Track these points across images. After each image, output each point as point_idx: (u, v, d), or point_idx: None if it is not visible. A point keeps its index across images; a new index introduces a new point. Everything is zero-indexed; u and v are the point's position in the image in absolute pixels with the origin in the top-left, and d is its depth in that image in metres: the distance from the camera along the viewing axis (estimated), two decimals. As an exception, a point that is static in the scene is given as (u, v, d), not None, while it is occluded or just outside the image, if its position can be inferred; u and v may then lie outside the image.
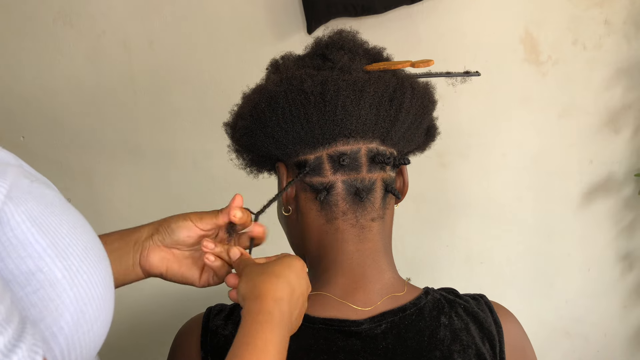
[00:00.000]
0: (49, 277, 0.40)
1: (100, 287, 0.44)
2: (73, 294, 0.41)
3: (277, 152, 0.67)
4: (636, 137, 1.45)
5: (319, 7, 1.26)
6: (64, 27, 1.31)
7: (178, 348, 0.68)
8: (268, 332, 0.50)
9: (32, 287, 0.40)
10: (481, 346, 0.64)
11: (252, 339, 0.49)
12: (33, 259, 0.40)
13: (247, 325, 0.50)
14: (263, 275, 0.55)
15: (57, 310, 0.40)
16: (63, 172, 1.37)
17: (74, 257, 0.42)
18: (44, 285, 0.40)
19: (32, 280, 0.40)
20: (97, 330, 0.44)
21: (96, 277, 0.44)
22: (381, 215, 0.67)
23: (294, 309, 0.55)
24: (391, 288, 0.66)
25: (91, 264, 0.44)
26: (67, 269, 0.42)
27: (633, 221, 1.50)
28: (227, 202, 1.51)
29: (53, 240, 0.41)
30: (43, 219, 0.42)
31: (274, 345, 0.49)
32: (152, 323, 1.44)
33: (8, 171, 0.41)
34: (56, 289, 0.41)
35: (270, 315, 0.51)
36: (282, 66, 0.69)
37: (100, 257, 0.46)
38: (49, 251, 0.41)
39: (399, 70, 0.68)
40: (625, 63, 1.40)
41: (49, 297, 0.40)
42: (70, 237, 0.43)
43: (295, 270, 0.57)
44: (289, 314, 0.54)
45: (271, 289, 0.53)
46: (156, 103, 1.36)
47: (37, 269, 0.40)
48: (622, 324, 1.57)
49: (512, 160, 1.43)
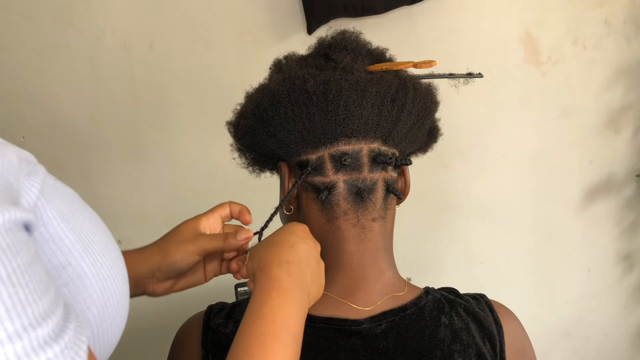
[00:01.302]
0: (78, 271, 0.42)
1: (120, 282, 0.46)
2: (99, 287, 0.43)
3: (279, 152, 0.67)
4: (636, 138, 1.45)
5: (319, 8, 1.27)
6: (64, 27, 1.31)
7: (179, 346, 0.68)
8: (276, 298, 0.48)
9: (62, 280, 0.41)
10: (481, 346, 0.64)
11: (260, 308, 0.48)
12: (63, 253, 0.41)
13: (255, 297, 0.50)
14: (265, 247, 0.56)
15: (85, 303, 0.42)
16: (63, 172, 1.37)
17: (97, 252, 0.44)
18: (73, 279, 0.41)
19: (62, 273, 0.41)
20: (118, 325, 0.46)
21: (116, 272, 0.45)
22: (382, 216, 0.67)
23: (305, 270, 0.54)
24: (391, 288, 0.66)
25: (112, 259, 0.45)
26: (93, 263, 0.43)
27: (634, 222, 1.50)
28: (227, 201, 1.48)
29: (79, 236, 0.43)
30: (70, 216, 0.43)
31: (285, 314, 0.48)
32: (152, 323, 1.43)
33: (38, 169, 0.42)
34: (84, 283, 0.42)
35: (278, 281, 0.50)
36: (285, 66, 0.69)
37: (118, 255, 0.47)
38: (77, 246, 0.42)
39: (401, 71, 0.68)
40: (625, 63, 1.40)
41: (77, 290, 0.42)
42: (93, 234, 0.45)
43: (297, 233, 0.58)
44: (300, 275, 0.53)
45: (275, 256, 0.53)
46: (156, 103, 1.36)
47: (67, 263, 0.41)
48: (623, 324, 1.57)
49: (512, 160, 1.43)
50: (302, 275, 0.53)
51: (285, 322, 0.47)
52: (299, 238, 0.57)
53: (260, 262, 0.54)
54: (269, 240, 0.57)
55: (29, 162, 0.42)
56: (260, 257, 0.55)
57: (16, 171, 0.38)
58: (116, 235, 1.46)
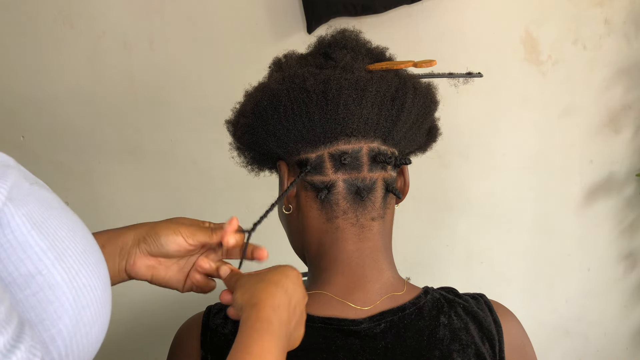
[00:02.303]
0: (48, 279, 0.40)
1: (99, 291, 0.44)
2: (72, 296, 0.41)
3: (278, 150, 0.67)
4: (637, 137, 1.45)
5: (318, 7, 1.27)
6: (64, 27, 1.31)
7: (178, 346, 0.68)
8: (267, 340, 0.49)
9: (31, 289, 0.39)
10: (480, 345, 0.64)
11: (250, 347, 0.48)
12: (33, 262, 0.40)
13: (245, 333, 0.49)
14: (260, 284, 0.54)
15: (56, 313, 0.40)
16: (63, 172, 1.37)
17: (73, 260, 0.42)
18: (43, 288, 0.40)
19: (31, 282, 0.40)
20: (95, 334, 0.44)
21: (94, 280, 0.44)
22: (381, 215, 0.67)
23: (292, 317, 0.54)
24: (390, 287, 0.66)
25: (89, 267, 0.44)
26: (67, 272, 0.41)
27: (634, 221, 1.50)
28: (227, 201, 1.50)
29: (52, 243, 0.41)
30: (43, 222, 0.42)
31: (272, 354, 0.48)
32: (151, 323, 1.43)
33: (9, 173, 0.41)
34: (55, 292, 0.40)
35: (269, 323, 0.50)
36: (285, 64, 0.69)
37: (98, 261, 0.46)
38: (48, 254, 0.41)
39: (401, 70, 0.68)
40: (625, 63, 1.40)
41: (48, 300, 0.40)
42: (69, 241, 0.43)
43: (291, 278, 0.56)
44: (287, 322, 0.53)
45: (269, 297, 0.53)
46: (156, 103, 1.36)
47: (36, 272, 0.40)
48: (622, 324, 1.57)
49: (512, 160, 1.43)
50: (288, 322, 0.53)
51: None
52: (293, 285, 0.56)
53: (253, 298, 0.53)
54: (264, 277, 0.56)
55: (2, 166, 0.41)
56: (252, 292, 0.54)
57: None
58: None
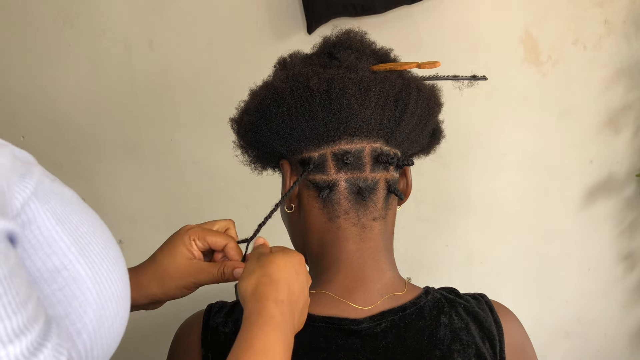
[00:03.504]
0: (73, 274, 0.41)
1: (119, 285, 0.45)
2: (95, 291, 0.42)
3: (281, 149, 0.67)
4: (637, 138, 1.45)
5: (319, 7, 1.27)
6: (64, 27, 1.31)
7: (179, 345, 0.68)
8: (271, 335, 0.49)
9: (57, 284, 0.40)
10: (481, 346, 0.64)
11: (252, 342, 0.48)
12: (58, 257, 0.41)
13: (248, 328, 0.50)
14: (264, 277, 0.55)
15: (81, 307, 0.41)
16: (63, 172, 1.37)
17: (94, 255, 0.43)
18: (69, 283, 0.41)
19: (57, 277, 0.40)
20: (117, 328, 0.45)
21: (115, 274, 0.44)
22: (383, 215, 0.67)
23: (295, 307, 0.55)
24: (391, 287, 0.66)
25: (110, 262, 0.45)
26: (90, 266, 0.42)
27: (634, 222, 1.50)
28: (227, 201, 1.50)
29: (75, 238, 0.42)
30: (65, 217, 0.42)
31: (275, 348, 0.49)
32: (152, 322, 1.43)
33: (34, 170, 0.41)
34: (80, 286, 0.41)
35: (272, 318, 0.51)
36: (289, 63, 0.70)
37: (118, 256, 0.47)
38: (72, 249, 0.41)
39: (405, 71, 0.68)
40: (625, 63, 1.40)
41: (73, 294, 0.41)
42: (90, 236, 0.44)
43: (294, 267, 0.57)
44: (290, 314, 0.53)
45: (272, 292, 0.53)
46: (156, 103, 1.36)
47: (62, 267, 0.40)
48: (622, 324, 1.57)
49: (512, 160, 1.43)
50: (292, 314, 0.54)
51: (275, 356, 0.49)
52: (295, 273, 0.57)
53: (256, 292, 0.53)
54: (266, 270, 0.56)
55: (25, 163, 0.41)
56: (255, 286, 0.54)
57: (8, 173, 0.37)
58: (117, 235, 1.46)
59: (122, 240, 1.38)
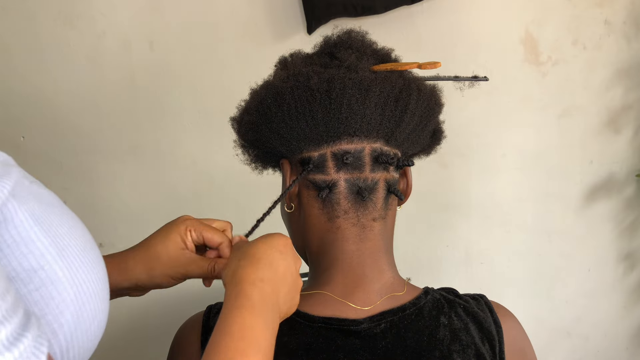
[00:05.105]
0: (50, 275, 0.41)
1: (98, 287, 0.45)
2: (73, 292, 0.42)
3: (281, 148, 0.67)
4: (637, 138, 1.45)
5: (319, 8, 1.27)
6: (64, 27, 1.31)
7: (178, 346, 0.68)
8: (247, 317, 0.48)
9: (34, 284, 0.40)
10: (481, 346, 0.64)
11: (229, 325, 0.47)
12: (35, 257, 0.40)
13: (223, 313, 0.49)
14: (243, 260, 0.54)
15: (58, 308, 0.41)
16: (63, 172, 1.37)
17: (73, 256, 0.43)
18: (46, 283, 0.41)
19: (34, 277, 0.40)
20: (95, 330, 0.45)
21: (94, 276, 0.44)
22: (383, 216, 0.67)
23: (280, 286, 0.54)
24: (391, 288, 0.66)
25: (89, 263, 0.44)
26: (68, 267, 0.42)
27: (634, 222, 1.50)
28: (226, 201, 1.50)
29: (54, 239, 0.42)
30: (44, 218, 0.42)
31: (255, 330, 0.47)
32: (151, 323, 1.44)
33: (12, 171, 0.41)
34: (57, 287, 0.41)
35: (249, 299, 0.50)
36: (290, 63, 0.70)
37: (97, 258, 0.47)
38: (50, 249, 0.41)
39: (405, 72, 0.68)
40: (625, 63, 1.40)
41: (50, 295, 0.41)
42: (69, 237, 0.44)
43: (277, 248, 0.56)
44: (273, 293, 0.52)
45: (250, 272, 0.52)
46: (156, 103, 1.36)
47: (39, 267, 0.40)
48: (623, 324, 1.57)
49: (512, 160, 1.43)
50: (274, 294, 0.52)
51: (255, 338, 0.47)
52: (279, 254, 0.56)
53: (235, 275, 0.53)
54: (247, 252, 0.55)
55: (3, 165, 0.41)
56: (234, 270, 0.53)
57: None
58: (115, 235, 1.47)
59: (121, 240, 1.38)
